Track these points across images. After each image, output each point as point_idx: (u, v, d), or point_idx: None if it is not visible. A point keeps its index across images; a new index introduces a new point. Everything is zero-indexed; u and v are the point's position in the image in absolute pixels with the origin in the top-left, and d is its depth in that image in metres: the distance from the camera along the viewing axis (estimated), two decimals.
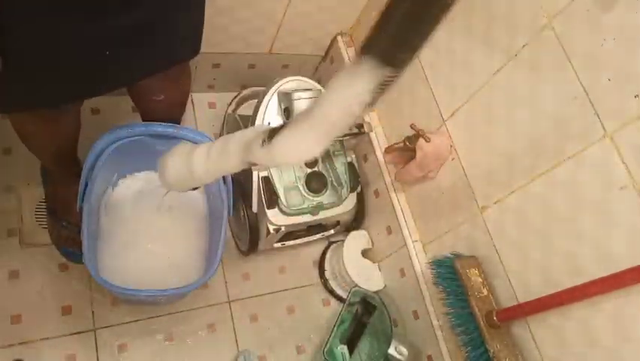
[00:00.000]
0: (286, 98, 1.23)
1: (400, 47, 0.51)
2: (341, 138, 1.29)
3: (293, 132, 0.63)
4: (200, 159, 0.77)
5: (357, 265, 1.42)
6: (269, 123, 1.25)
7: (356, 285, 1.38)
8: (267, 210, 1.25)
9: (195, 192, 1.34)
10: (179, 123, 1.23)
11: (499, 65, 1.03)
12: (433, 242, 1.28)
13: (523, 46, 0.96)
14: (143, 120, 1.20)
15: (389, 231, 1.41)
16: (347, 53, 1.53)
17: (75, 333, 1.21)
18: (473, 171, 1.13)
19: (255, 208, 1.28)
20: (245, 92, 1.49)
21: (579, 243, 0.89)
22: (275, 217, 1.26)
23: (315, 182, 1.30)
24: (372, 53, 0.51)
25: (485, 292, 1.07)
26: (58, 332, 1.19)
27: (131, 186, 1.29)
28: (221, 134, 1.46)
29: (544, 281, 0.97)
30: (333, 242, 1.54)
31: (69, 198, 1.16)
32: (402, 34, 0.49)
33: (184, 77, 1.12)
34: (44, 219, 1.25)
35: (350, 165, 1.37)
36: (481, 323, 1.02)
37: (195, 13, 0.92)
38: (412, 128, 1.15)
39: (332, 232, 1.47)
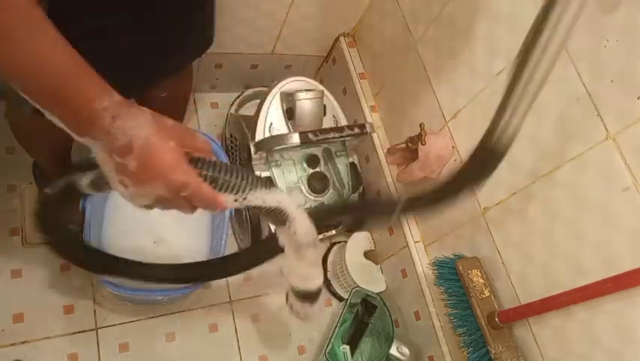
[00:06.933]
0: (288, 99, 1.23)
1: None
2: (343, 139, 1.29)
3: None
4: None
5: (359, 267, 1.42)
6: (271, 124, 1.25)
7: (358, 286, 1.38)
8: None
9: None
10: (181, 121, 1.23)
11: (501, 66, 1.02)
12: (435, 243, 1.27)
13: None
14: None
15: (391, 232, 1.40)
16: (349, 53, 1.52)
17: (77, 332, 1.21)
18: None
19: None
20: (247, 92, 1.49)
21: (581, 244, 0.89)
22: None
23: (317, 182, 1.30)
24: None
25: (487, 293, 1.07)
26: (60, 331, 1.20)
27: None
28: (223, 135, 1.46)
29: (546, 282, 0.96)
30: (335, 243, 1.54)
31: None
32: None
33: (186, 73, 1.13)
34: None
35: (352, 165, 1.37)
36: (483, 324, 1.02)
37: (208, 10, 0.94)
38: (420, 128, 1.15)
39: (334, 232, 1.47)
